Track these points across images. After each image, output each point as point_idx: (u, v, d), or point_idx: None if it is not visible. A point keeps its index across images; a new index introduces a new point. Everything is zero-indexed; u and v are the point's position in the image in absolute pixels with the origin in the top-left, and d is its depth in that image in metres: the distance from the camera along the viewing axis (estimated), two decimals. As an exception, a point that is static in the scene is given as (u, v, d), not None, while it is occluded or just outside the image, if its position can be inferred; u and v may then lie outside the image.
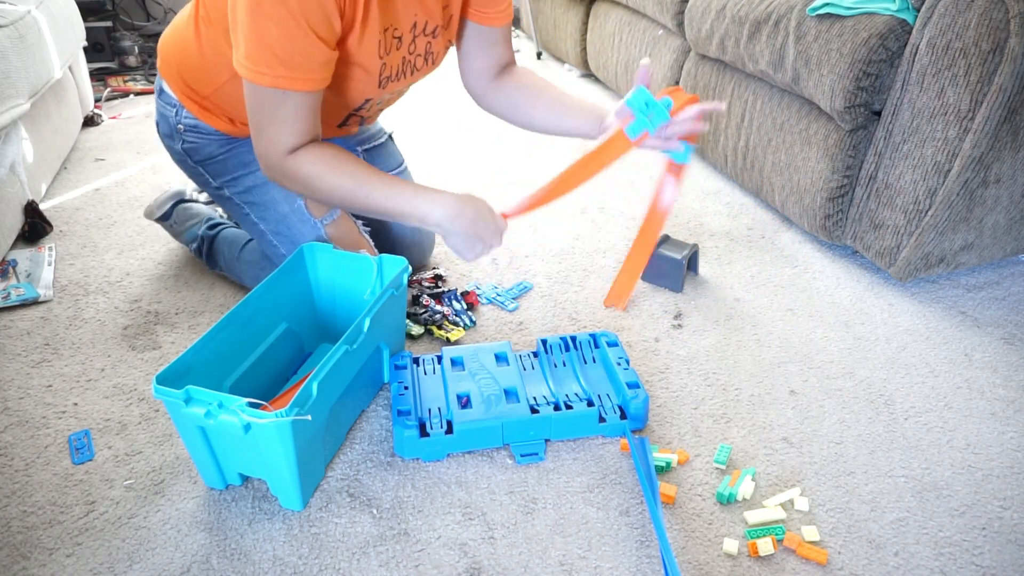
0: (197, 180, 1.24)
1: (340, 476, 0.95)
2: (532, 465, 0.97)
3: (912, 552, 0.85)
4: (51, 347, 1.19)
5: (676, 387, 1.11)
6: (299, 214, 1.16)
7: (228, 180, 1.18)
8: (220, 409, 0.81)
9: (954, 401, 1.08)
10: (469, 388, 1.04)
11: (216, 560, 0.84)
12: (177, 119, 1.16)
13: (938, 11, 1.13)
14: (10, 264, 1.40)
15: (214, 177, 1.19)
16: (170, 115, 1.17)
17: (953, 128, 1.15)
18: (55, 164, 1.80)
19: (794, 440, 1.01)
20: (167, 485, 0.94)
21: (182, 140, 1.17)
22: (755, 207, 1.68)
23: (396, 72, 1.06)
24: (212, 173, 1.19)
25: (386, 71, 1.04)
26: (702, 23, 1.68)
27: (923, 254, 1.28)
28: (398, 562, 0.84)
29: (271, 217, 1.17)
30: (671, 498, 0.91)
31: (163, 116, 1.18)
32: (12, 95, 1.45)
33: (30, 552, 0.85)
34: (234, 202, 1.20)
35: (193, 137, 1.16)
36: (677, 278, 1.34)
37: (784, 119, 1.48)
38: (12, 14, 1.54)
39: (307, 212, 1.16)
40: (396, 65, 1.05)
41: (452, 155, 2.00)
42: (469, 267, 1.43)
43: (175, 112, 1.16)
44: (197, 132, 1.16)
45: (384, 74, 1.04)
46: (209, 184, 1.21)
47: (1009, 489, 0.93)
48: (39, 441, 1.00)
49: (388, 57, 1.02)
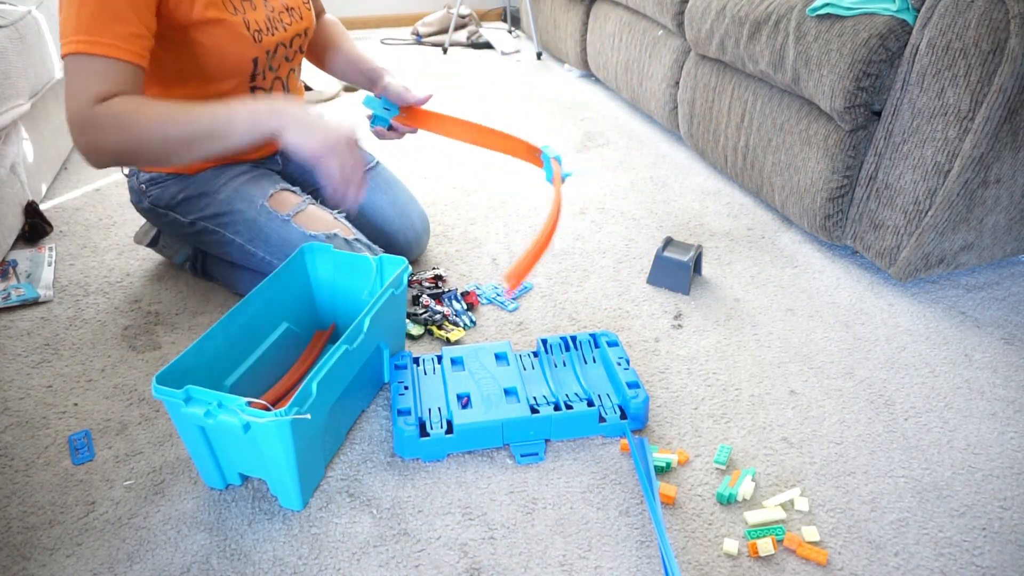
0: (173, 228, 1.28)
1: (340, 476, 0.95)
2: (532, 465, 0.97)
3: (912, 552, 0.85)
4: (51, 347, 1.19)
5: (676, 387, 1.11)
6: (265, 214, 1.18)
7: (197, 213, 1.22)
8: (220, 409, 0.81)
9: (954, 401, 1.08)
10: (469, 388, 1.04)
11: (216, 560, 0.84)
12: (137, 180, 1.24)
13: (938, 11, 1.13)
14: (10, 264, 1.40)
15: (185, 215, 1.23)
16: (132, 180, 1.26)
17: (953, 128, 1.15)
18: (55, 164, 1.80)
19: (794, 440, 1.01)
20: (167, 485, 0.94)
21: (147, 196, 1.25)
22: (755, 207, 1.68)
23: (266, 26, 1.14)
24: (182, 212, 1.23)
25: (254, 25, 1.11)
26: (702, 23, 1.68)
27: (923, 254, 1.28)
28: (398, 562, 0.84)
29: (241, 227, 1.19)
30: (671, 498, 0.91)
31: (128, 186, 1.28)
32: (12, 95, 1.45)
33: (30, 552, 0.85)
34: (209, 230, 1.23)
35: (154, 189, 1.23)
36: (684, 281, 1.34)
37: (784, 119, 1.48)
38: (12, 14, 1.54)
39: (272, 210, 1.18)
40: (262, 21, 1.13)
41: (445, 153, 2.00)
42: (469, 267, 1.43)
43: (135, 176, 1.25)
44: (154, 183, 1.23)
45: (252, 28, 1.10)
46: (183, 225, 1.25)
47: (1009, 489, 0.93)
48: (39, 441, 1.00)
49: (246, 14, 1.10)
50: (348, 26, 3.56)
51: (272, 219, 1.18)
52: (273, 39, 1.15)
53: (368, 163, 1.41)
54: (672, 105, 1.97)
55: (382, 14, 3.64)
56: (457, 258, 1.47)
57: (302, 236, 1.15)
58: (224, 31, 1.07)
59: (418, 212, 1.41)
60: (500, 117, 2.29)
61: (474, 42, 3.22)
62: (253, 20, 1.11)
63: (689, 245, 1.38)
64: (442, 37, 3.24)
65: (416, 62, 2.99)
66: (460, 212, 1.66)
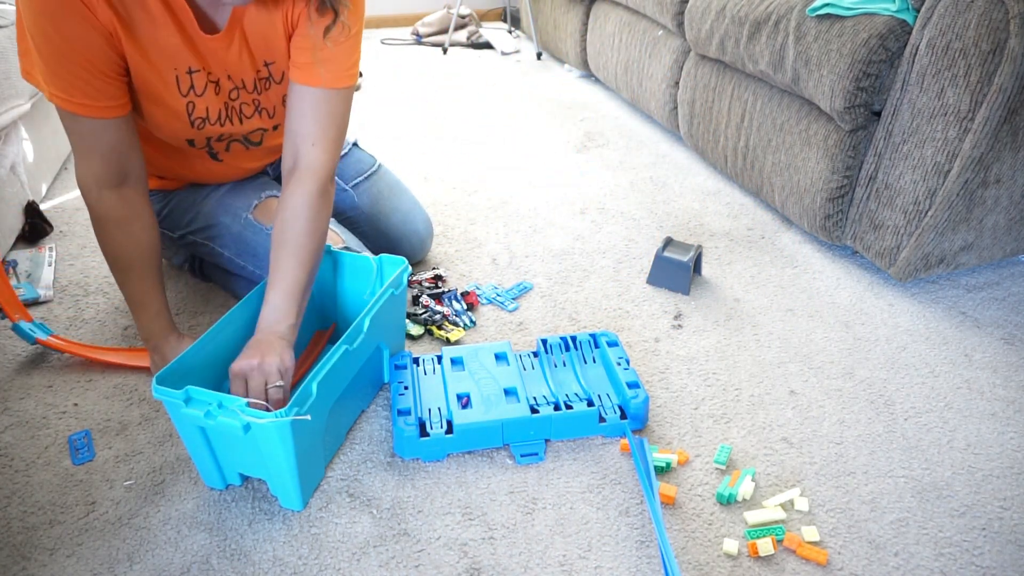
0: (164, 241, 1.25)
1: (340, 476, 0.95)
2: (532, 465, 0.97)
3: (912, 552, 0.85)
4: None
5: (676, 387, 1.11)
6: (250, 227, 1.17)
7: (183, 229, 1.22)
8: (220, 409, 0.81)
9: (954, 401, 1.08)
10: (469, 388, 1.04)
11: (216, 560, 0.84)
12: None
13: (938, 11, 1.13)
14: (10, 264, 1.40)
15: (172, 230, 1.23)
16: None
17: (953, 128, 1.15)
18: (55, 164, 1.80)
19: (794, 440, 1.01)
20: (167, 485, 0.94)
21: None
22: (755, 207, 1.68)
23: (217, 116, 1.03)
24: (169, 227, 1.23)
25: (199, 111, 1.00)
26: (702, 23, 1.68)
27: (923, 254, 1.28)
28: (398, 562, 0.84)
29: (228, 241, 1.18)
30: (671, 498, 0.91)
31: None
32: (12, 95, 1.45)
33: (31, 552, 0.85)
34: (198, 243, 1.23)
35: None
36: (684, 281, 1.34)
37: (784, 119, 1.49)
38: (12, 14, 1.54)
39: (257, 223, 1.17)
40: (216, 109, 1.01)
41: (440, 152, 2.00)
42: (469, 267, 1.43)
43: None
44: None
45: (196, 115, 1.00)
46: (173, 239, 1.25)
47: (1009, 489, 0.93)
48: (39, 441, 1.00)
49: (199, 98, 0.99)
50: (348, 26, 3.55)
51: (258, 232, 1.16)
52: (219, 129, 1.05)
53: (370, 167, 1.39)
54: (672, 105, 1.97)
55: (382, 14, 3.64)
56: (457, 258, 1.47)
57: None
58: (159, 110, 0.98)
59: (422, 217, 1.40)
60: (500, 117, 2.29)
61: (474, 42, 3.22)
62: (203, 107, 1.00)
63: (689, 245, 1.38)
64: (442, 37, 3.24)
65: (416, 62, 2.99)
66: (460, 212, 1.66)
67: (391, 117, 2.31)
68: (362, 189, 1.34)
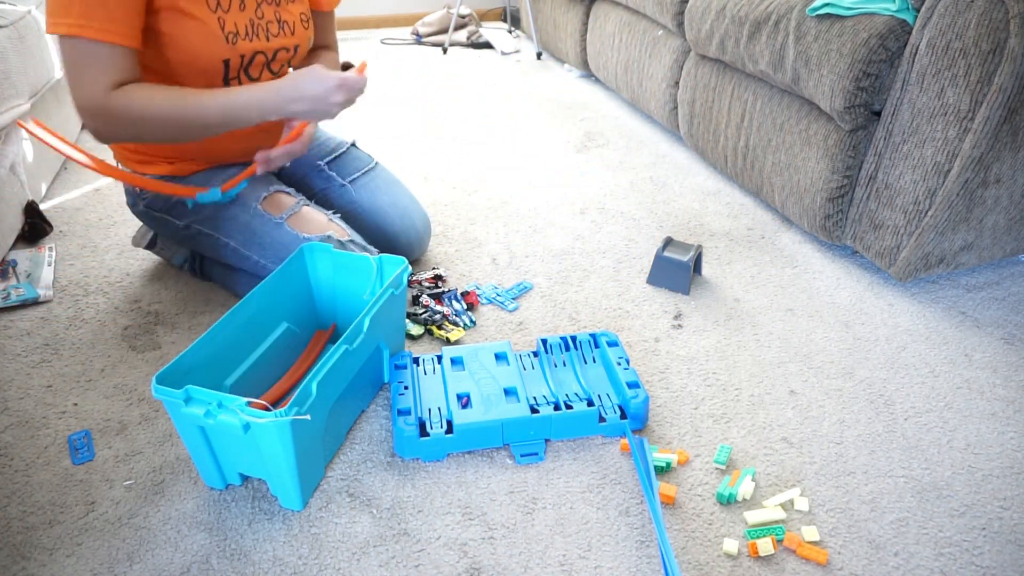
0: (168, 231, 1.27)
1: (340, 476, 0.95)
2: (532, 465, 0.97)
3: (912, 552, 0.85)
4: (51, 347, 1.19)
5: (676, 387, 1.11)
6: (259, 217, 1.18)
7: (191, 217, 1.22)
8: (220, 409, 0.81)
9: (954, 401, 1.08)
10: (469, 388, 1.04)
11: (216, 560, 0.84)
12: (132, 184, 1.23)
13: (938, 11, 1.13)
14: (10, 264, 1.40)
15: (179, 218, 1.23)
16: (126, 185, 1.27)
17: (953, 128, 1.15)
18: (55, 164, 1.80)
19: (794, 440, 1.01)
20: (167, 485, 0.94)
21: (142, 199, 1.25)
22: (755, 207, 1.68)
23: (245, 31, 1.10)
24: (176, 216, 1.23)
25: (230, 27, 1.08)
26: (702, 23, 1.68)
27: (923, 254, 1.28)
28: (398, 562, 0.84)
29: (235, 231, 1.19)
30: (671, 498, 0.91)
31: (124, 188, 1.30)
32: (12, 95, 1.45)
33: (30, 552, 0.85)
34: (203, 233, 1.23)
35: (149, 192, 1.23)
36: (684, 281, 1.34)
37: (784, 119, 1.48)
38: (12, 14, 1.54)
39: (266, 213, 1.18)
40: (243, 24, 1.10)
41: (439, 150, 2.00)
42: (469, 267, 1.43)
43: None
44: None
45: (228, 29, 1.08)
46: (178, 228, 1.25)
47: (1009, 489, 0.93)
48: (39, 441, 1.00)
49: (227, 14, 1.07)
50: (348, 26, 3.56)
51: (266, 222, 1.17)
52: (251, 45, 1.11)
53: (368, 164, 1.40)
54: (672, 105, 1.97)
55: (382, 14, 3.64)
56: (457, 258, 1.47)
57: (296, 239, 1.15)
58: (194, 26, 1.04)
59: (419, 213, 1.40)
60: (500, 117, 2.29)
61: (474, 42, 3.22)
62: (231, 21, 1.08)
63: (689, 245, 1.38)
64: (442, 37, 3.24)
65: (416, 62, 2.99)
66: (460, 212, 1.66)
67: (391, 117, 2.31)
68: (360, 184, 1.35)
